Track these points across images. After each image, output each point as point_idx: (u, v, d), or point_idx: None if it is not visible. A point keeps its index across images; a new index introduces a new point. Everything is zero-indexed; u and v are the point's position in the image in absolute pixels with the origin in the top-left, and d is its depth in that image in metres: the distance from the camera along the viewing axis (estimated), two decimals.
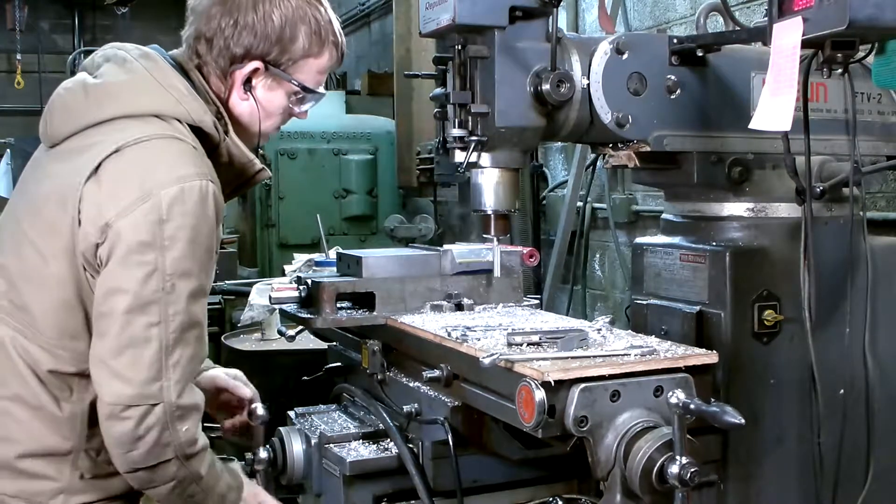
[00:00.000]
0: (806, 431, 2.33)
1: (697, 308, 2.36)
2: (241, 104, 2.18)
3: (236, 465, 2.37)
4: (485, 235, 2.45)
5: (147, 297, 1.90)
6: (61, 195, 1.98)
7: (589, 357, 1.90)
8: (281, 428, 2.54)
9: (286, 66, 2.15)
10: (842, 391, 2.39)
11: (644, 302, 2.53)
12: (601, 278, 5.82)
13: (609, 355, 1.91)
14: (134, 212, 1.90)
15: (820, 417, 2.29)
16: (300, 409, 2.69)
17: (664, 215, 2.65)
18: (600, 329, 2.13)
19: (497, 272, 2.48)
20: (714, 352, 1.99)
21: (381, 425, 2.42)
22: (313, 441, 2.46)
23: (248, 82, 2.15)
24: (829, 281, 2.36)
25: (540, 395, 1.78)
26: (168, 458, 1.96)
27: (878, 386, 2.41)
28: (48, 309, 2.00)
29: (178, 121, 2.04)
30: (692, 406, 1.74)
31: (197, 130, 2.07)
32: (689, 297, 2.41)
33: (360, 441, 2.44)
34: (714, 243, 2.40)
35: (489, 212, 2.35)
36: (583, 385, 1.81)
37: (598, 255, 5.83)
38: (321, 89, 2.26)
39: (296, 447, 2.47)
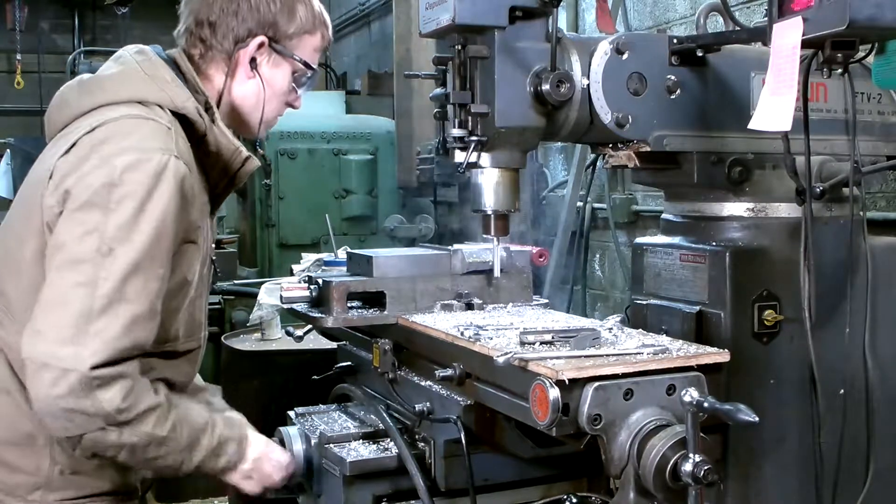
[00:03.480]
0: (806, 431, 2.33)
1: (697, 308, 2.36)
2: (246, 84, 2.22)
3: (239, 417, 2.29)
4: (485, 235, 2.45)
5: (80, 254, 1.87)
6: (38, 179, 2.03)
7: (602, 356, 1.90)
8: (281, 428, 2.54)
9: (286, 43, 2.22)
10: (842, 391, 2.39)
11: (644, 302, 2.53)
12: (601, 278, 5.82)
13: (622, 354, 1.92)
14: (89, 176, 1.91)
15: (820, 417, 2.29)
16: (300, 409, 2.69)
17: (664, 215, 2.65)
18: (611, 328, 2.13)
19: (497, 272, 2.48)
20: (726, 350, 1.99)
21: (381, 425, 2.42)
22: (313, 441, 2.46)
23: (252, 61, 2.20)
24: (829, 281, 2.35)
25: (554, 393, 1.79)
26: (101, 427, 1.88)
27: (878, 386, 2.41)
28: (22, 292, 2.01)
29: (160, 107, 2.07)
30: (706, 404, 1.75)
31: (183, 120, 2.09)
32: (689, 297, 2.41)
33: (360, 441, 2.44)
34: (714, 243, 2.40)
35: (489, 212, 2.35)
36: (596, 383, 1.81)
37: (598, 255, 5.83)
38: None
39: (296, 447, 2.47)
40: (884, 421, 2.43)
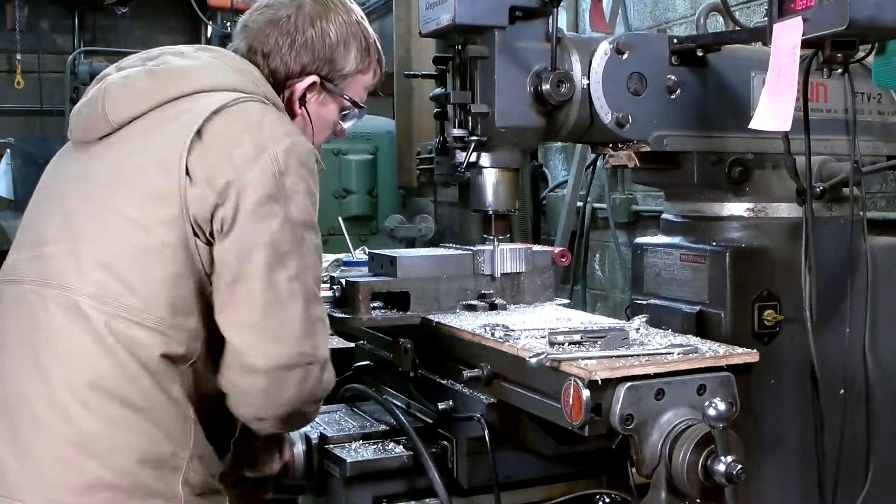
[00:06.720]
0: (806, 431, 2.33)
1: (697, 308, 2.36)
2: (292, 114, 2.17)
3: None
4: (485, 236, 2.44)
5: (283, 248, 1.89)
6: (162, 163, 1.88)
7: (633, 356, 1.90)
8: None
9: (339, 82, 2.17)
10: (842, 391, 2.39)
11: (644, 302, 2.53)
12: (601, 278, 5.82)
13: (652, 354, 1.91)
14: (253, 167, 1.87)
15: (822, 417, 2.29)
16: None
17: (664, 215, 2.65)
18: (638, 328, 2.13)
19: (497, 272, 2.48)
20: (755, 351, 1.97)
21: (381, 426, 2.43)
22: (313, 441, 2.46)
23: (301, 97, 2.16)
24: (830, 281, 2.36)
25: (587, 393, 1.79)
26: (313, 410, 2.03)
27: (878, 386, 2.42)
28: (157, 285, 1.85)
29: None
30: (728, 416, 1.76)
31: None
32: (689, 297, 2.41)
33: (361, 442, 2.44)
34: (714, 243, 2.40)
35: (489, 212, 2.35)
36: (629, 384, 1.81)
37: (598, 255, 5.83)
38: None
39: (296, 447, 2.47)
40: (884, 421, 2.43)
